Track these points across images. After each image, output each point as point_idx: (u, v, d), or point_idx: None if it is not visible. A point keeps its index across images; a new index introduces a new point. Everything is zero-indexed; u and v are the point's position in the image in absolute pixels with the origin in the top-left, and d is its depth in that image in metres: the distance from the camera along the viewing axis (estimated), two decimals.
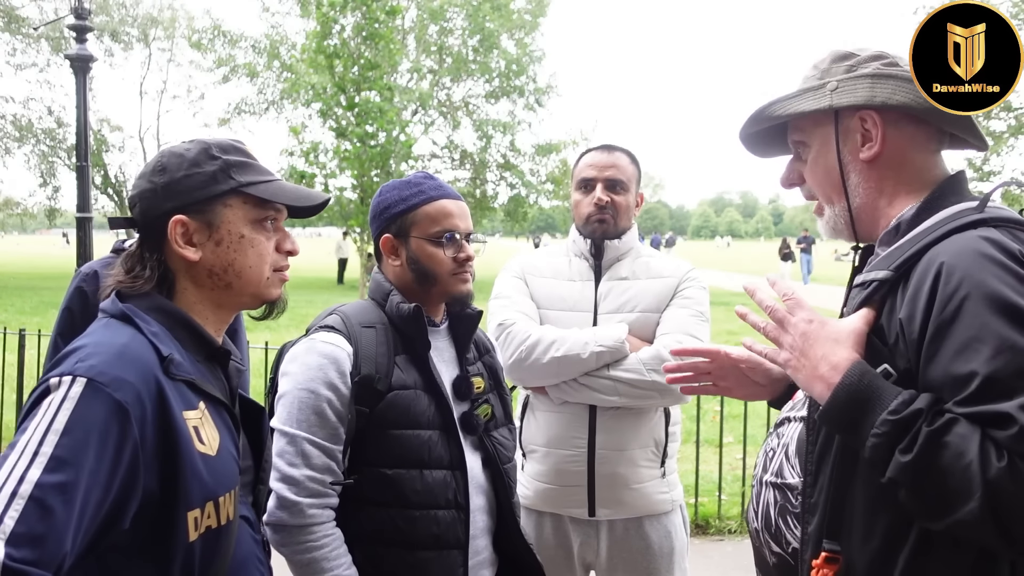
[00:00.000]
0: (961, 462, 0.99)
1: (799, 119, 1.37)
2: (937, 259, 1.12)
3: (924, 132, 1.30)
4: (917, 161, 1.30)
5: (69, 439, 1.05)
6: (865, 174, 1.31)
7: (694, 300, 2.31)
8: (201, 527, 1.20)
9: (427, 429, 1.72)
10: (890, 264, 1.20)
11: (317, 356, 1.68)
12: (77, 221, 6.79)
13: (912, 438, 1.03)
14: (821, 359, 1.18)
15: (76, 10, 6.75)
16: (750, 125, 1.42)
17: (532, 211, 22.99)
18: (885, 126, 1.29)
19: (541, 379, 2.24)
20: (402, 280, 1.82)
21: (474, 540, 1.76)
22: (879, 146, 1.29)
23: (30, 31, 23.78)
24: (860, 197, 1.32)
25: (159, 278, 1.30)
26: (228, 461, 1.29)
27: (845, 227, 1.36)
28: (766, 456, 1.42)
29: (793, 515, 1.31)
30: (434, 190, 1.81)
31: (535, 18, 22.46)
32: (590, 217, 2.34)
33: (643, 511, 2.30)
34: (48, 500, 1.00)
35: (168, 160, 1.32)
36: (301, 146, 17.70)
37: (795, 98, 1.36)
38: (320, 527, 1.62)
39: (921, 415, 1.04)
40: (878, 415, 1.07)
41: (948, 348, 1.06)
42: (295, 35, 22.16)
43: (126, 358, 1.16)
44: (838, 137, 1.32)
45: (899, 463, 1.04)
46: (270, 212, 1.36)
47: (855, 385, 1.12)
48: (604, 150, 2.39)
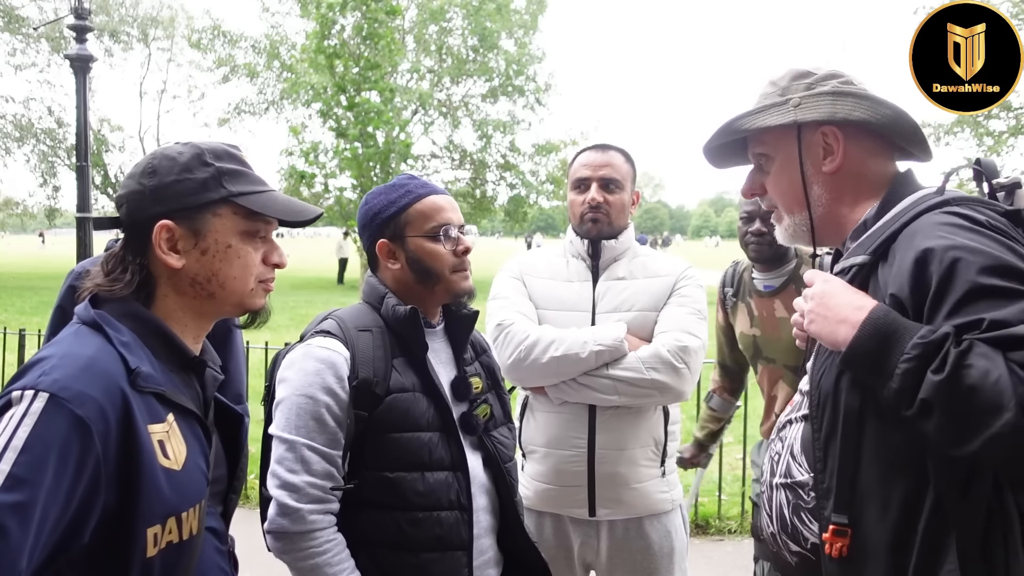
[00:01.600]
0: (990, 378, 1.02)
1: (761, 133, 1.44)
2: (914, 236, 1.18)
3: (880, 144, 1.39)
4: (874, 169, 1.39)
5: (28, 457, 1.02)
6: (827, 185, 1.40)
7: (691, 298, 2.32)
8: (161, 543, 1.17)
9: (427, 431, 1.71)
10: (866, 249, 1.27)
11: (314, 361, 1.67)
12: (77, 221, 6.79)
13: (943, 358, 1.06)
14: (845, 304, 1.22)
15: (76, 10, 6.75)
16: (716, 138, 1.50)
17: (532, 211, 23.00)
18: (846, 140, 1.37)
19: (540, 379, 2.24)
20: (402, 283, 1.81)
21: (478, 540, 1.76)
22: (840, 159, 1.37)
23: (30, 31, 23.77)
24: (823, 207, 1.40)
25: (139, 283, 1.27)
26: (195, 474, 1.25)
27: (805, 234, 1.44)
28: (772, 461, 1.44)
29: (807, 511, 1.33)
30: (421, 188, 1.81)
31: (535, 17, 22.45)
32: (584, 216, 2.34)
33: (643, 511, 2.30)
34: (4, 521, 0.98)
35: (159, 163, 1.29)
36: (301, 146, 17.69)
37: (759, 113, 1.43)
38: (322, 533, 1.61)
39: (948, 338, 1.07)
40: (907, 342, 1.10)
41: (945, 310, 1.10)
42: (295, 35, 22.17)
43: (91, 371, 1.12)
44: (801, 151, 1.39)
45: (932, 382, 1.06)
46: (260, 224, 1.33)
47: (882, 319, 1.16)
48: (598, 149, 2.39)
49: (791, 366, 2.70)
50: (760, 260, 2.77)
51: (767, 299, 2.77)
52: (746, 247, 2.78)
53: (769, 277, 2.78)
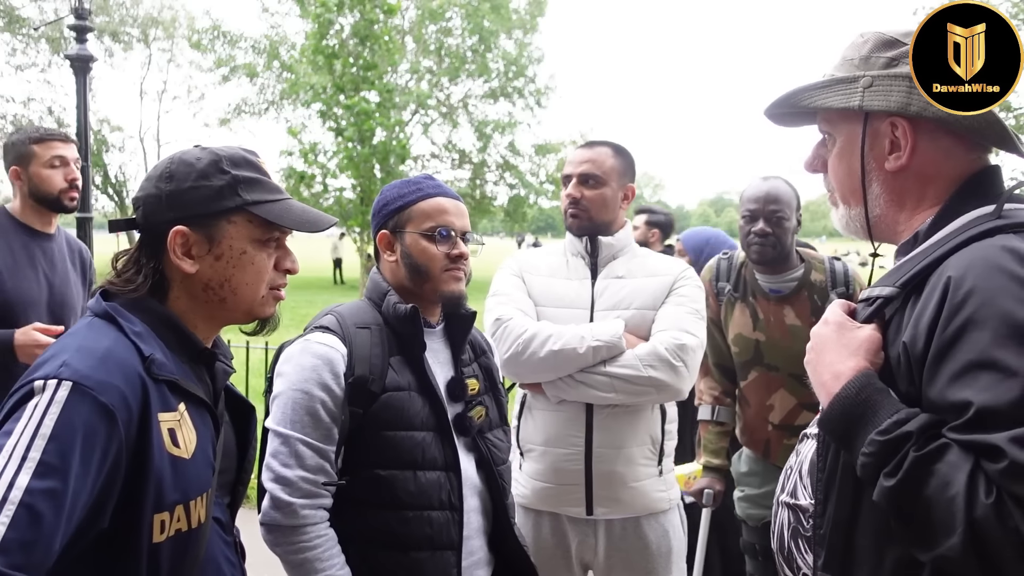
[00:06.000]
0: (947, 493, 0.93)
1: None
2: (945, 274, 1.05)
3: (961, 143, 1.19)
4: (947, 173, 1.20)
5: (57, 444, 1.05)
6: (887, 185, 1.23)
7: (689, 298, 2.32)
8: (169, 530, 1.19)
9: (421, 430, 1.72)
10: (896, 280, 1.14)
11: (311, 357, 1.68)
12: (77, 221, 6.78)
13: (898, 462, 0.98)
14: (828, 366, 1.14)
15: (76, 10, 6.73)
16: (776, 107, 1.34)
17: (532, 211, 23.00)
18: (916, 137, 1.19)
19: (538, 374, 2.24)
20: (396, 277, 1.82)
21: (468, 541, 1.77)
22: (907, 158, 1.20)
23: (30, 31, 23.78)
24: (879, 208, 1.24)
25: (152, 285, 1.28)
26: (203, 464, 1.27)
27: (860, 230, 1.29)
28: (784, 475, 1.37)
29: (804, 539, 1.26)
30: (432, 188, 1.84)
31: (534, 17, 22.47)
32: (566, 212, 2.37)
33: (641, 510, 2.30)
34: (38, 506, 1.01)
35: (177, 168, 1.30)
36: (301, 146, 17.70)
37: (825, 89, 1.25)
38: (313, 528, 1.62)
39: (910, 438, 0.98)
40: (869, 433, 1.02)
41: (946, 372, 1.00)
42: (295, 35, 22.19)
43: (110, 361, 1.15)
44: (864, 140, 1.23)
45: (883, 487, 1.00)
46: (275, 232, 1.34)
47: (851, 399, 1.07)
48: (586, 147, 2.41)
49: (796, 374, 2.61)
50: (762, 262, 2.68)
51: (775, 304, 2.69)
52: (748, 247, 2.68)
53: (775, 281, 2.70)
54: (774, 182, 2.69)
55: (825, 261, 2.76)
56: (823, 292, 2.68)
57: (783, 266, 2.70)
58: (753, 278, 2.74)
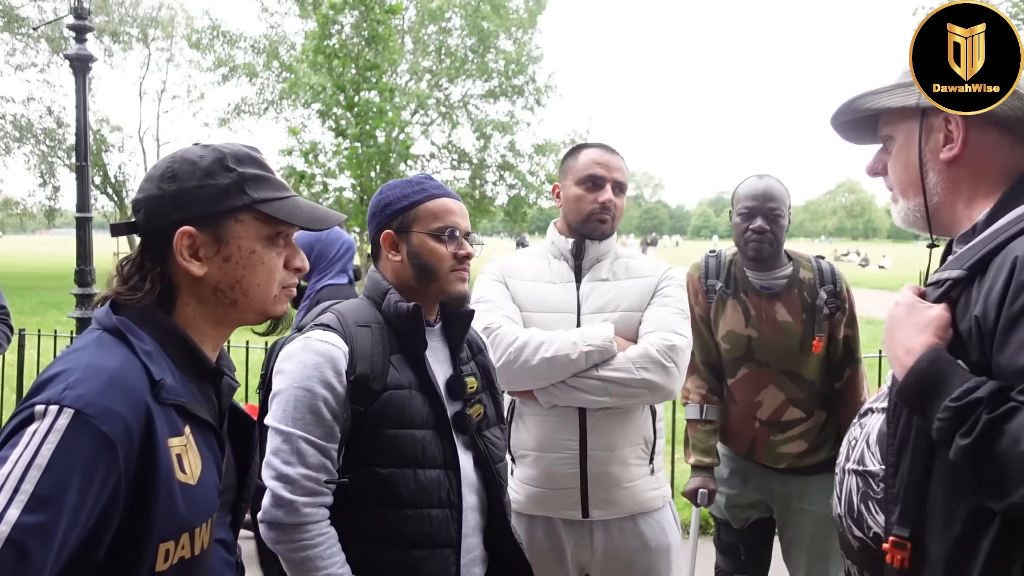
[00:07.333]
0: (1018, 448, 1.02)
1: (887, 113, 1.38)
2: (1012, 253, 1.15)
3: (1011, 137, 1.28)
4: (999, 163, 1.29)
5: (52, 476, 1.00)
6: (944, 174, 1.32)
7: (674, 298, 2.33)
8: (174, 558, 1.14)
9: (421, 429, 1.72)
10: (963, 264, 1.23)
11: (313, 354, 1.68)
12: (77, 221, 6.77)
13: (972, 424, 1.07)
14: (901, 341, 1.23)
15: (76, 10, 6.73)
16: (840, 115, 1.44)
17: (532, 211, 23.00)
18: (968, 129, 1.28)
19: (531, 381, 2.22)
20: (401, 277, 1.82)
21: (466, 538, 1.77)
22: (959, 148, 1.29)
23: (30, 31, 23.79)
24: (938, 196, 1.34)
25: (160, 293, 1.22)
26: (209, 489, 1.22)
27: (920, 221, 1.37)
28: (848, 445, 1.46)
29: (875, 501, 1.35)
30: (436, 188, 1.84)
31: (533, 17, 22.46)
32: (592, 215, 2.32)
33: (636, 509, 2.30)
34: (26, 543, 0.96)
35: (180, 167, 1.24)
36: (301, 146, 17.70)
37: (885, 93, 1.37)
38: (314, 526, 1.62)
39: (981, 403, 1.07)
40: (943, 401, 1.11)
41: (1015, 341, 1.09)
42: (294, 35, 22.19)
43: (117, 386, 1.09)
44: (921, 135, 1.33)
45: (959, 446, 1.09)
46: (283, 228, 1.30)
47: (923, 371, 1.17)
48: (607, 150, 2.39)
49: (787, 371, 2.66)
50: (759, 259, 2.68)
51: (767, 300, 2.70)
52: (745, 244, 2.69)
53: (766, 278, 2.72)
54: (769, 180, 2.71)
55: (812, 260, 2.80)
56: (812, 289, 2.71)
57: (774, 264, 2.72)
58: (744, 275, 2.75)
